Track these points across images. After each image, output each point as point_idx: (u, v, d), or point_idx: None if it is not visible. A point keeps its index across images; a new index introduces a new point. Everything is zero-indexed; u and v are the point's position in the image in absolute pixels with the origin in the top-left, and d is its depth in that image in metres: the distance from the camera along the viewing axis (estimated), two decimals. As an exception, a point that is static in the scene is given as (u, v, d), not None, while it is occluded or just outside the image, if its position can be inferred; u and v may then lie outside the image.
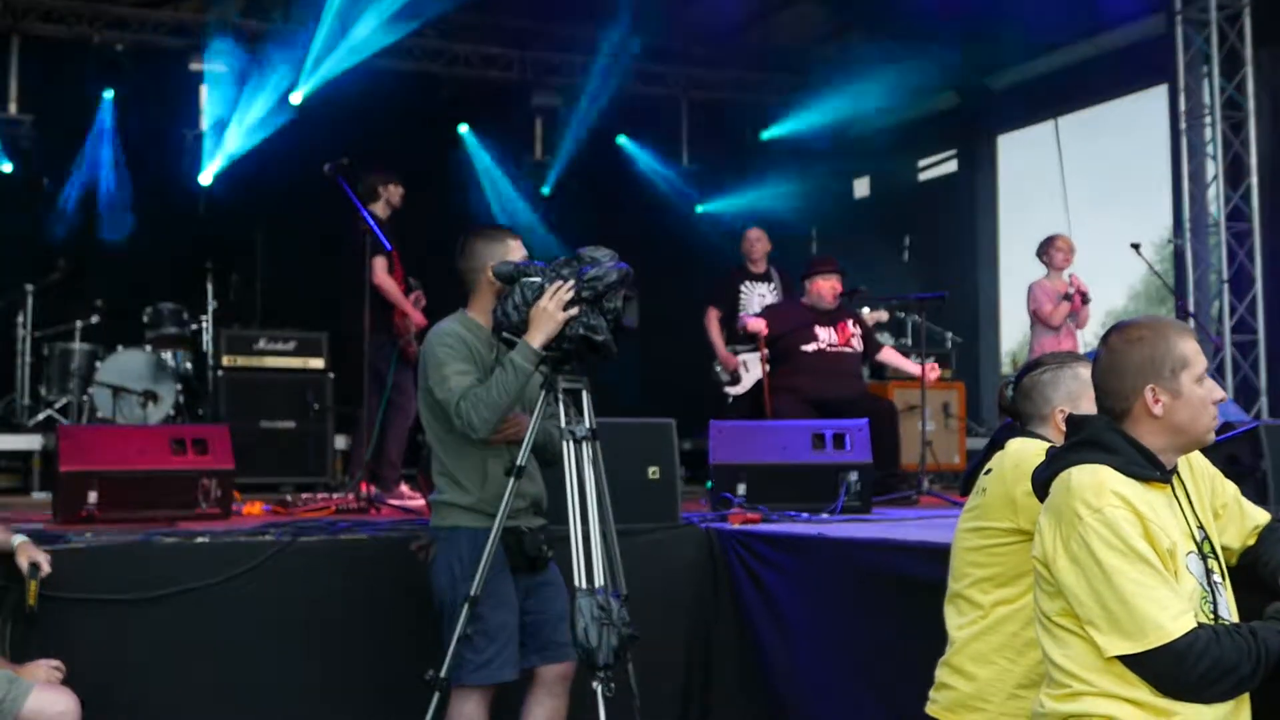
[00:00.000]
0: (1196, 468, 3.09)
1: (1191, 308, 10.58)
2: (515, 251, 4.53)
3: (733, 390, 9.18)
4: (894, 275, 13.63)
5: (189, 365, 9.21)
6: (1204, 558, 2.89)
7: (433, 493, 4.59)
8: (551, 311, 4.16)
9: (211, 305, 9.55)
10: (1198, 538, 2.91)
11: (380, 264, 7.92)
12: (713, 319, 9.37)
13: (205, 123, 11.55)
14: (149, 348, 9.05)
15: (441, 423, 4.44)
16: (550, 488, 4.49)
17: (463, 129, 13.13)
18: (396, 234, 8.18)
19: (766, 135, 14.30)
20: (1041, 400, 3.55)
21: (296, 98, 11.99)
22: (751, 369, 9.00)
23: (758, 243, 9.75)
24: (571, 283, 4.17)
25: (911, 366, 8.62)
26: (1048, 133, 13.72)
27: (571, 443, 4.15)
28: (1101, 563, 2.75)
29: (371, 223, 7.63)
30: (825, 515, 6.28)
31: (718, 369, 9.29)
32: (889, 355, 8.68)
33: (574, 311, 4.15)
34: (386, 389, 7.96)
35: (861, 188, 15.48)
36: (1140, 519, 2.78)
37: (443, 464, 4.52)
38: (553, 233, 11.90)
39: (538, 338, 4.18)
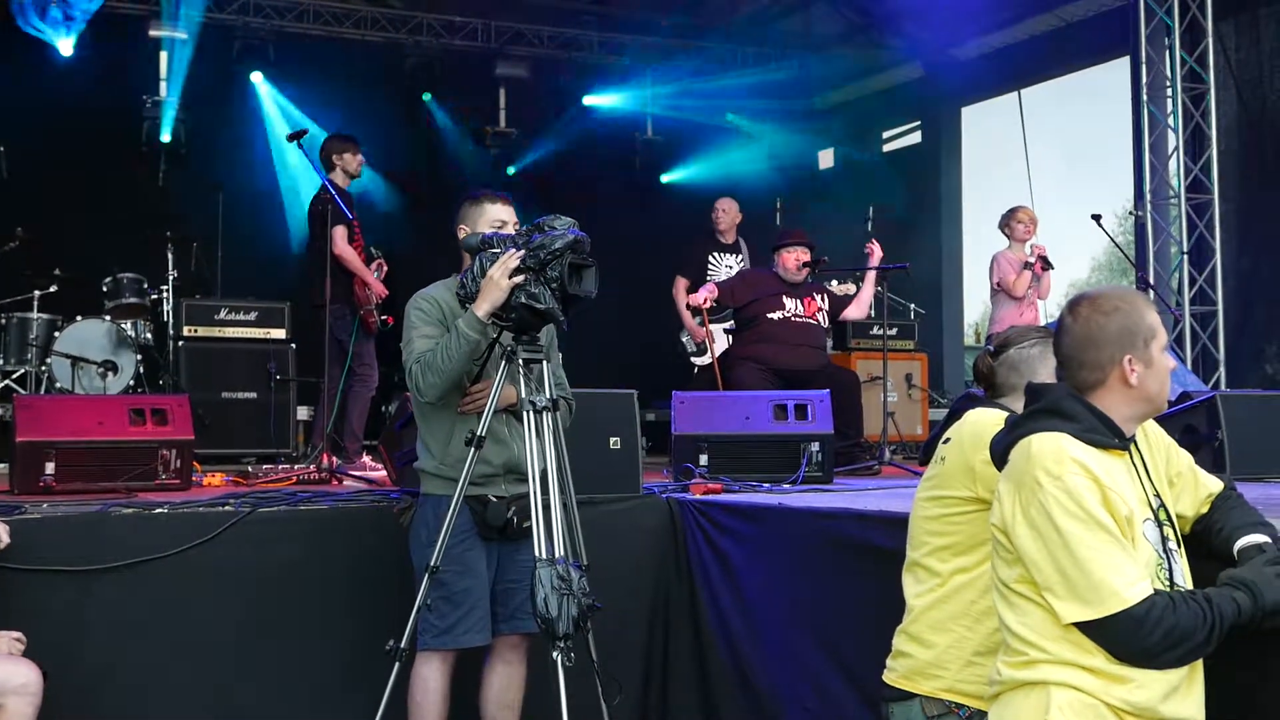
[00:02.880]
0: (1152, 437, 3.10)
1: (1151, 279, 10.63)
2: (494, 215, 4.53)
3: (699, 361, 9.18)
4: (858, 246, 13.65)
5: (149, 335, 9.12)
6: (1160, 525, 2.91)
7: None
8: (497, 280, 4.16)
9: (172, 275, 9.45)
10: (1154, 505, 2.92)
11: (340, 233, 7.86)
12: (680, 289, 9.36)
13: (165, 90, 11.43)
14: (108, 318, 8.95)
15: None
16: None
17: (426, 98, 13.03)
18: (356, 202, 8.14)
19: (732, 112, 14.28)
20: (1029, 372, 3.54)
21: (257, 74, 11.90)
22: (719, 340, 9.00)
23: (726, 213, 9.73)
24: (515, 251, 4.16)
25: (865, 289, 8.52)
26: (1011, 104, 13.76)
27: (532, 413, 4.14)
28: (1061, 529, 2.76)
29: (333, 192, 7.57)
30: (786, 485, 6.28)
31: (684, 339, 9.28)
32: (851, 309, 8.64)
33: (519, 280, 4.13)
34: (348, 359, 7.93)
35: (826, 159, 15.48)
36: (1100, 486, 2.79)
37: (419, 430, 4.58)
38: (520, 203, 11.85)
39: (483, 306, 4.18)
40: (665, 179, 14.15)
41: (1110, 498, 2.78)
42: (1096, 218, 9.13)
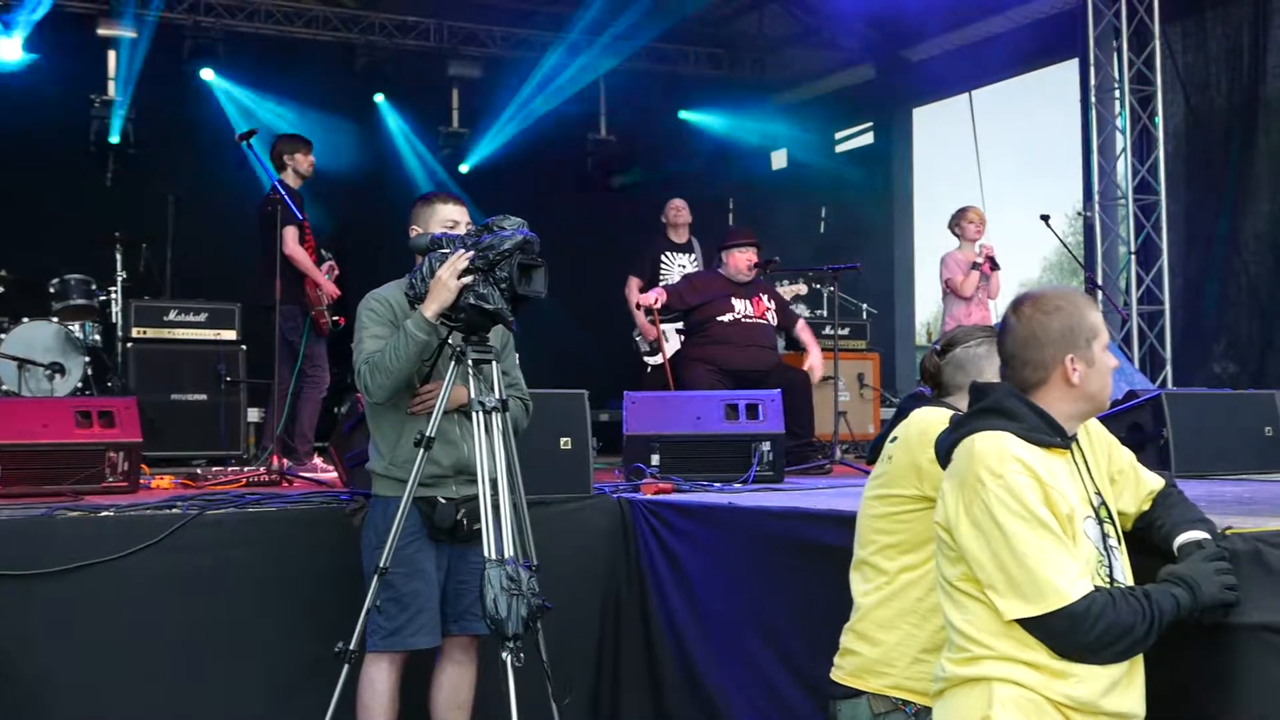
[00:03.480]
0: (1094, 435, 3.13)
1: (1099, 279, 10.73)
2: (446, 216, 4.52)
3: (652, 360, 9.19)
4: (811, 246, 13.73)
5: (97, 337, 9.04)
6: (1101, 522, 2.94)
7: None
8: (445, 281, 4.15)
9: (121, 276, 9.37)
10: (1095, 503, 2.96)
11: (291, 234, 7.83)
12: (633, 288, 9.36)
13: (114, 89, 11.33)
14: (56, 319, 8.87)
15: None
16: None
17: (378, 98, 12.98)
18: (308, 203, 8.10)
19: (685, 111, 14.30)
20: (975, 371, 3.56)
21: (208, 72, 11.82)
22: (672, 339, 9.01)
23: (679, 213, 9.74)
24: (464, 252, 4.16)
25: (813, 349, 8.53)
26: (963, 106, 13.84)
27: (481, 413, 4.14)
28: (1003, 527, 2.78)
29: (283, 192, 7.54)
30: (738, 485, 6.30)
31: (638, 338, 9.29)
32: (803, 330, 8.68)
33: (467, 280, 4.13)
34: (298, 360, 7.89)
35: (779, 160, 15.52)
36: (1041, 485, 2.81)
37: (370, 431, 4.58)
38: (472, 204, 11.83)
39: (431, 307, 4.18)
40: (618, 179, 14.15)
41: (1052, 496, 2.81)
42: (1045, 218, 9.22)
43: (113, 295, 9.31)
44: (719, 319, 8.19)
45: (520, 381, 4.69)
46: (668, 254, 9.64)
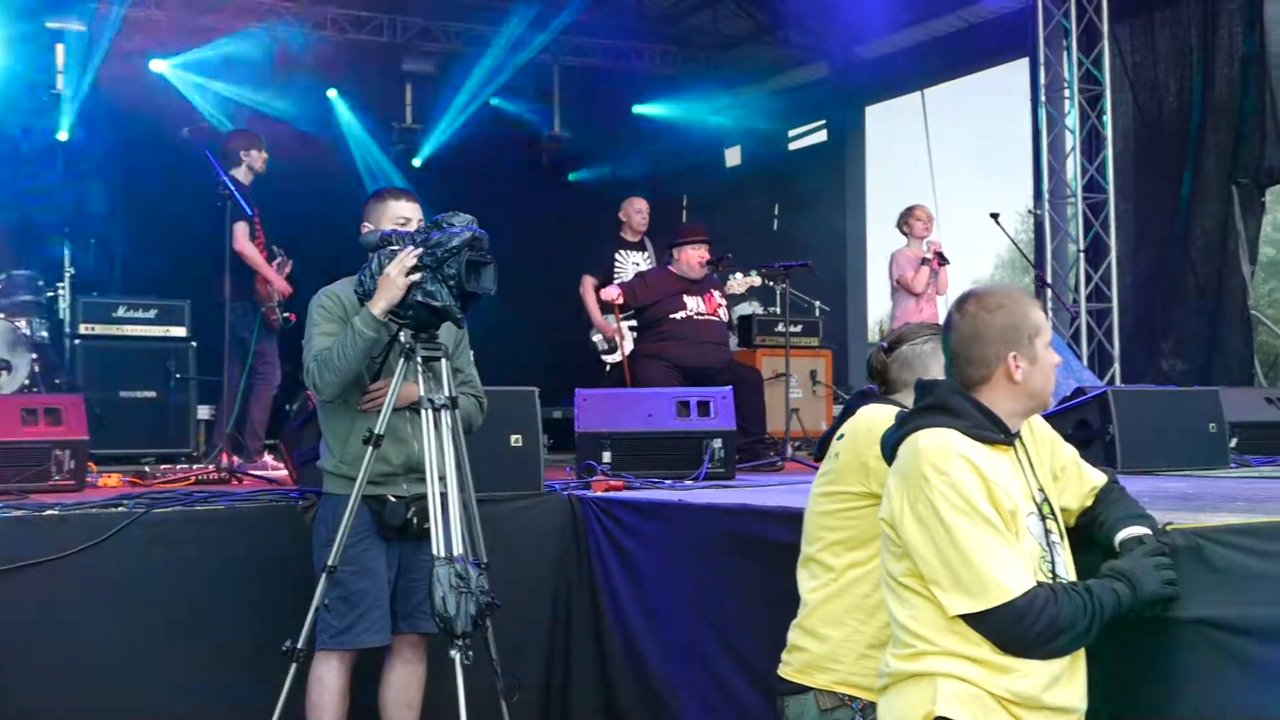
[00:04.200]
0: (1037, 432, 3.16)
1: (1049, 277, 10.81)
2: (398, 212, 4.51)
3: (610, 359, 9.19)
4: (764, 244, 13.76)
5: (45, 334, 8.94)
6: (1043, 518, 2.96)
7: None
8: (394, 278, 4.15)
9: (69, 272, 9.27)
10: (1038, 499, 2.98)
11: (241, 230, 7.79)
12: (589, 287, 9.34)
13: (62, 82, 11.21)
14: (1, 316, 8.76)
15: None
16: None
17: (331, 94, 12.91)
18: (260, 199, 8.06)
19: (639, 108, 14.31)
20: (921, 369, 3.58)
21: (158, 65, 11.72)
22: (628, 337, 9.01)
23: (638, 213, 9.70)
24: (413, 249, 4.15)
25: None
26: (915, 104, 13.92)
27: (430, 411, 4.14)
28: (947, 523, 2.80)
29: (232, 188, 7.49)
30: (689, 482, 6.31)
31: (595, 338, 9.28)
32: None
33: (415, 278, 4.12)
34: (249, 357, 7.85)
35: (732, 157, 15.56)
36: (985, 481, 2.84)
37: (322, 428, 4.57)
38: (425, 200, 11.78)
39: (379, 304, 4.18)
40: (573, 176, 14.14)
41: (995, 492, 2.83)
42: (995, 216, 9.27)
43: (60, 291, 9.21)
44: (671, 316, 8.20)
45: (474, 379, 4.68)
46: (621, 252, 9.62)
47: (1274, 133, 10.37)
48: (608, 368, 9.17)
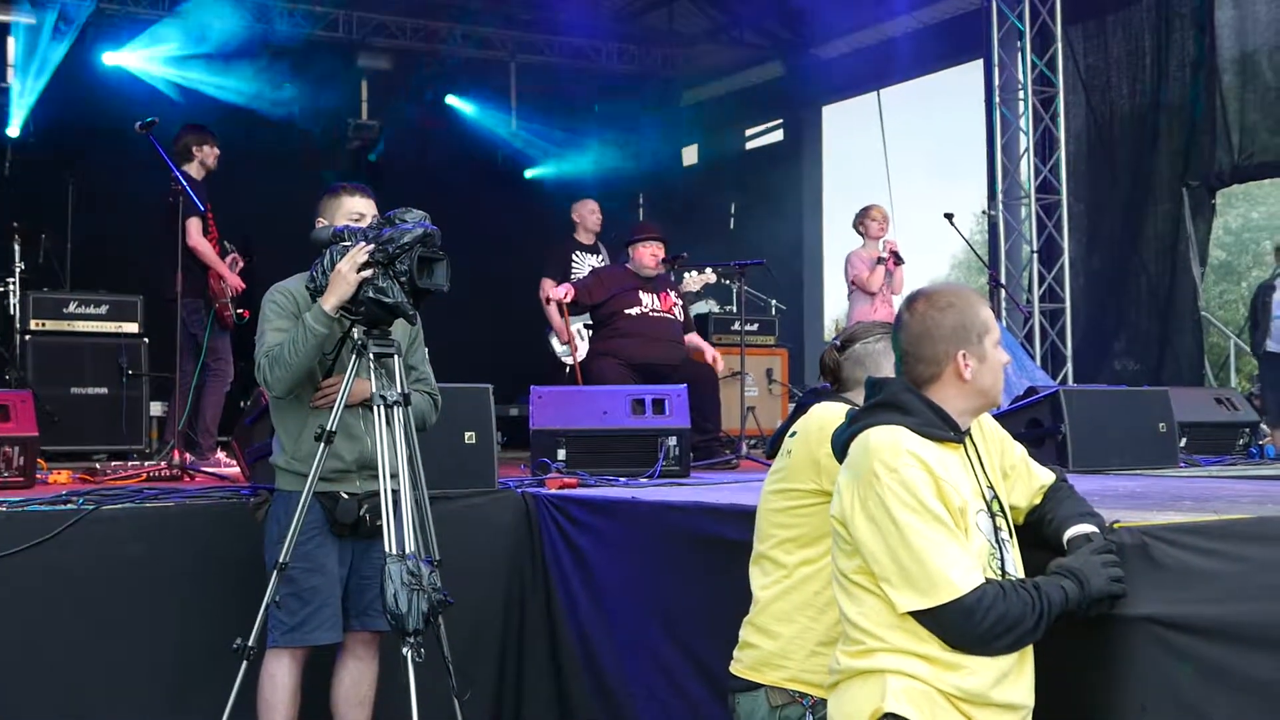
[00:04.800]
0: (987, 430, 3.18)
1: (1003, 277, 10.89)
2: (352, 208, 4.49)
3: (567, 360, 9.17)
4: (721, 242, 13.80)
5: (-6, 330, 8.87)
6: (993, 516, 2.98)
7: None
8: (345, 274, 4.13)
9: (18, 267, 9.17)
10: (987, 497, 3.00)
11: (194, 225, 7.74)
12: (547, 290, 9.32)
13: (11, 76, 11.10)
14: (-49, 312, 8.68)
15: None
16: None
17: (286, 87, 12.82)
18: (213, 194, 8.01)
19: (596, 106, 14.31)
20: (874, 367, 3.59)
21: (110, 58, 11.61)
22: (585, 338, 8.99)
23: (591, 215, 9.69)
24: (364, 245, 4.13)
25: (706, 348, 8.66)
26: (871, 104, 13.99)
27: (382, 407, 4.12)
28: (897, 520, 2.81)
29: (185, 183, 7.44)
30: (643, 480, 6.31)
31: (553, 340, 9.26)
32: (692, 338, 8.72)
33: (367, 274, 4.11)
34: (201, 354, 7.80)
35: (689, 155, 15.59)
36: (934, 478, 2.85)
37: (274, 424, 4.54)
38: (381, 196, 11.74)
39: (330, 300, 4.15)
40: (529, 173, 14.12)
41: (944, 489, 2.84)
42: (949, 217, 9.34)
43: (10, 287, 9.10)
44: (626, 312, 8.20)
45: (429, 376, 4.67)
46: (577, 254, 9.62)
47: (1224, 136, 10.49)
48: (568, 370, 9.16)
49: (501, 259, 11.55)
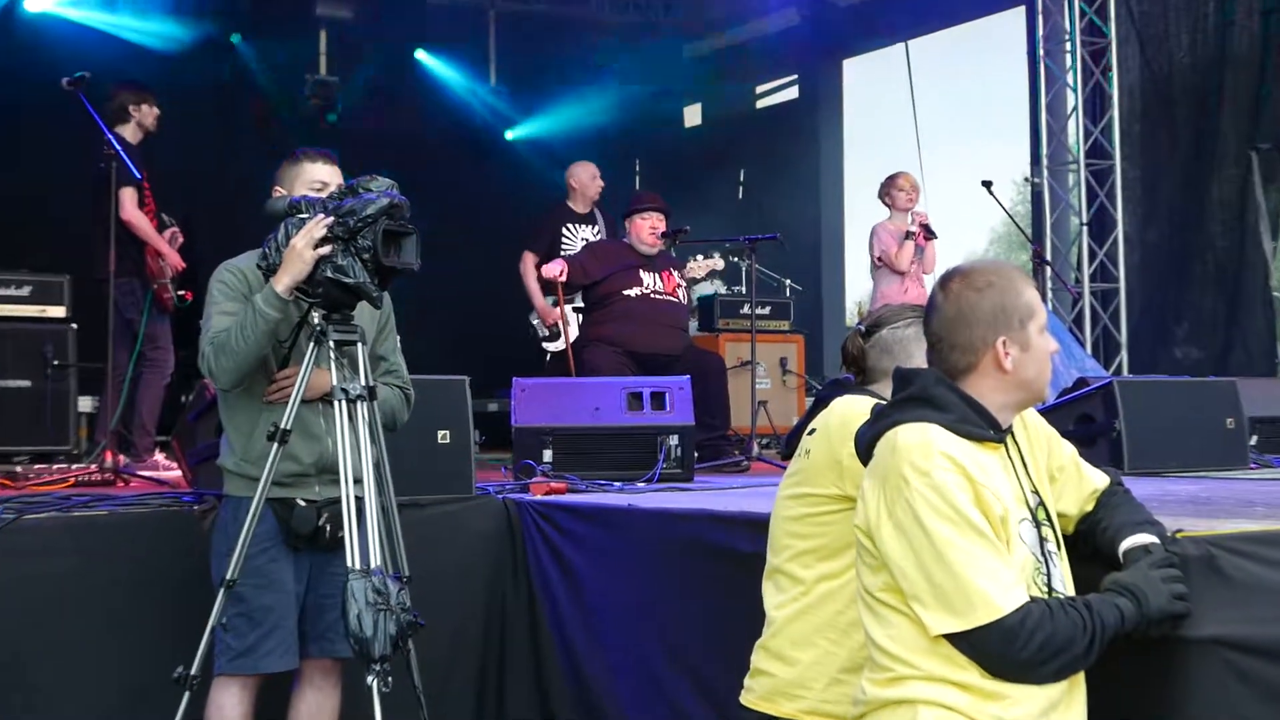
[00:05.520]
0: (1032, 428, 3.17)
1: (1048, 253, 10.88)
2: (313, 176, 4.48)
3: (552, 346, 9.16)
4: (728, 215, 13.78)
5: (-98, 316, 8.83)
6: (1038, 525, 2.97)
7: None
8: (299, 250, 4.11)
9: (-70, 245, 9.17)
10: (1032, 504, 2.99)
11: (129, 196, 7.71)
12: (529, 264, 9.29)
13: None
14: None
15: None
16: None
17: (235, 39, 12.79)
18: (150, 160, 7.99)
19: (586, 60, 14.27)
20: (903, 356, 3.59)
21: (33, 3, 11.58)
22: (573, 322, 8.98)
23: (593, 181, 9.63)
24: (322, 217, 4.12)
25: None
26: (898, 57, 13.95)
27: (344, 402, 4.11)
28: (929, 531, 2.80)
29: (119, 148, 7.41)
30: (641, 484, 6.31)
31: (535, 322, 9.24)
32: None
33: (325, 250, 4.09)
34: (138, 341, 7.78)
35: (692, 116, 15.57)
36: (971, 483, 2.84)
37: (223, 421, 4.52)
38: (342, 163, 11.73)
39: (283, 279, 4.14)
40: (511, 135, 14.10)
41: (983, 495, 2.83)
42: (987, 185, 9.33)
43: (-80, 267, 9.08)
44: (624, 293, 8.19)
45: (400, 368, 4.66)
46: (570, 226, 9.56)
47: (1298, 92, 10.48)
48: (549, 357, 9.15)
49: (479, 232, 11.55)
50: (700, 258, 9.46)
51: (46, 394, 8.72)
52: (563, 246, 9.41)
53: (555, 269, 8.31)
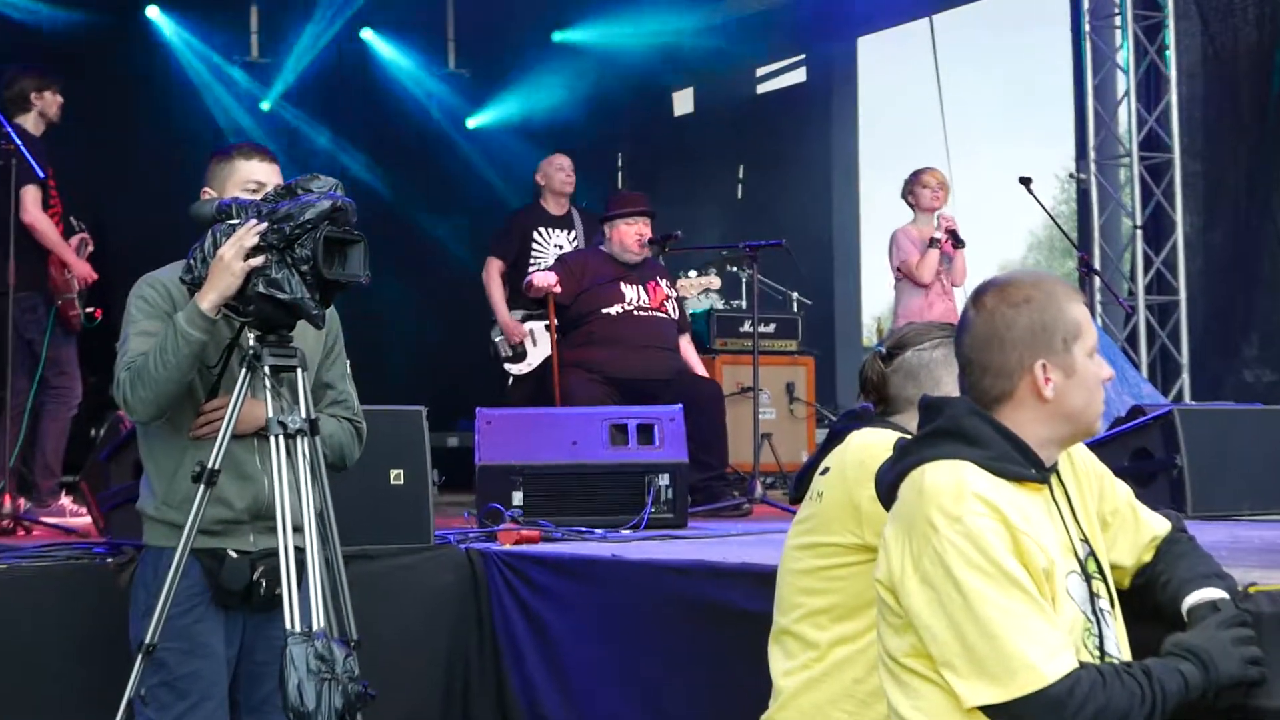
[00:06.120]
0: (1080, 465, 3.18)
1: (1097, 261, 10.89)
2: (248, 175, 4.48)
3: (515, 369, 9.16)
4: (726, 217, 13.81)
5: None
6: (1088, 579, 2.98)
7: None
8: (227, 262, 4.10)
9: None
10: (1081, 554, 3.00)
11: (31, 196, 7.70)
12: (494, 273, 9.30)
13: None
14: None
15: None
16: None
17: (151, 11, 12.78)
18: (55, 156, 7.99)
19: (560, 36, 14.31)
20: (930, 382, 3.60)
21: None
22: (541, 341, 8.98)
23: (562, 174, 9.63)
24: (254, 223, 4.11)
25: (695, 362, 8.71)
26: (922, 34, 13.99)
27: (282, 438, 4.11)
28: (961, 586, 2.81)
29: (19, 141, 7.43)
30: (626, 531, 6.34)
31: (497, 340, 9.24)
32: (686, 350, 8.73)
33: (257, 262, 4.09)
34: (39, 366, 7.77)
35: (683, 103, 15.59)
36: (1010, 530, 2.85)
37: (143, 460, 4.52)
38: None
39: (208, 296, 4.13)
40: (473, 124, 14.11)
41: (1024, 544, 2.84)
42: (1026, 182, 9.34)
43: None
44: (604, 312, 8.20)
45: (350, 397, 4.65)
46: (542, 231, 9.57)
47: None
48: (511, 380, 9.15)
49: (437, 238, 11.56)
50: (694, 274, 9.46)
51: (-68, 429, 8.71)
52: (533, 255, 9.40)
53: (549, 279, 8.30)
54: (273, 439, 4.11)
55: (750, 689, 3.72)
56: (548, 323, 8.79)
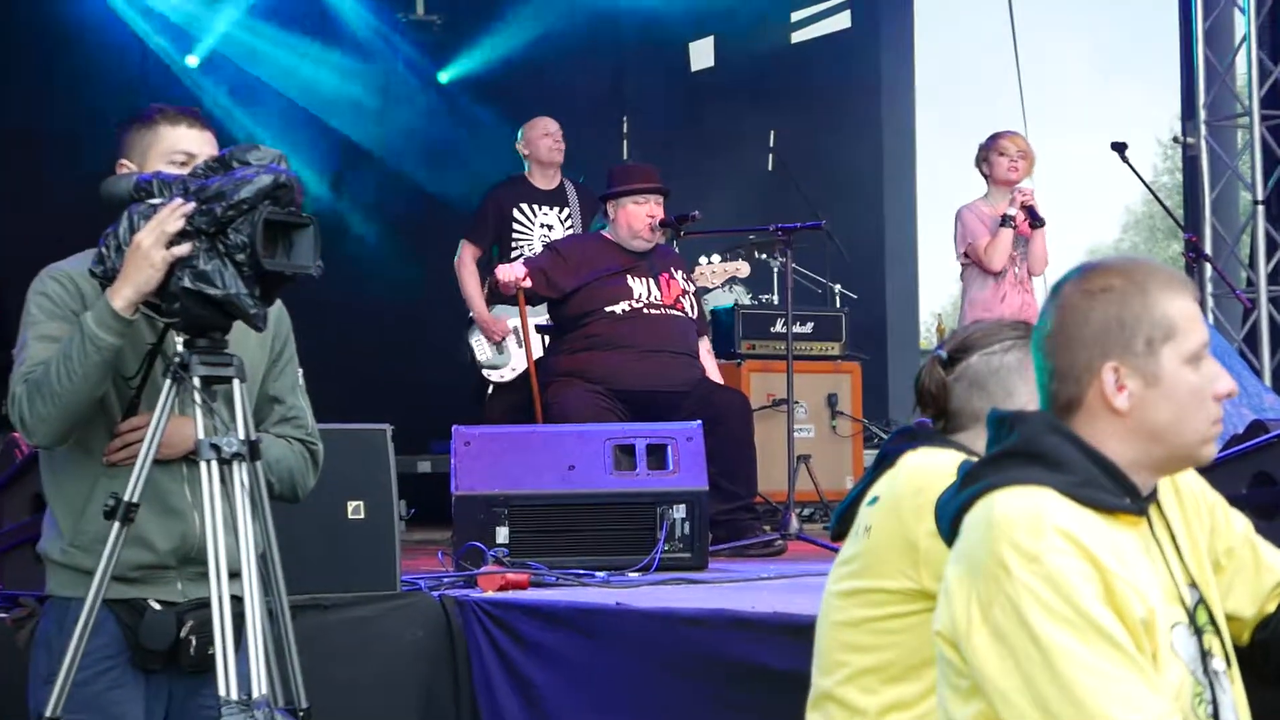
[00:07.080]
0: (1188, 495, 3.17)
1: (1208, 244, 10.89)
2: (176, 145, 4.47)
3: (496, 375, 9.18)
4: (754, 192, 13.81)
5: None
6: (1198, 632, 2.98)
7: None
8: (146, 250, 4.09)
9: None
10: (1189, 602, 3.00)
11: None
12: (467, 260, 9.32)
13: None
14: None
15: None
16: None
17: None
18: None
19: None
20: (1001, 393, 3.59)
21: None
22: (534, 339, 8.98)
23: (549, 140, 9.65)
24: (179, 202, 4.11)
25: (712, 367, 8.73)
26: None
27: (215, 463, 4.11)
28: (1039, 640, 2.80)
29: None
30: (634, 574, 6.37)
31: (473, 341, 9.25)
32: (705, 355, 8.73)
33: (182, 250, 4.09)
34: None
35: (702, 55, 15.59)
36: (1100, 571, 2.84)
37: (46, 493, 4.52)
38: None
39: (123, 291, 4.10)
40: (445, 77, 14.13)
41: (1117, 589, 2.83)
42: (1119, 148, 9.34)
43: None
44: (607, 310, 8.21)
45: (303, 414, 4.65)
46: (527, 207, 9.60)
47: None
48: (490, 390, 9.17)
49: (398, 219, 11.59)
50: (716, 259, 9.46)
51: None
52: (515, 238, 9.42)
53: (515, 272, 8.27)
54: (204, 465, 4.11)
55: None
56: (538, 322, 8.81)
